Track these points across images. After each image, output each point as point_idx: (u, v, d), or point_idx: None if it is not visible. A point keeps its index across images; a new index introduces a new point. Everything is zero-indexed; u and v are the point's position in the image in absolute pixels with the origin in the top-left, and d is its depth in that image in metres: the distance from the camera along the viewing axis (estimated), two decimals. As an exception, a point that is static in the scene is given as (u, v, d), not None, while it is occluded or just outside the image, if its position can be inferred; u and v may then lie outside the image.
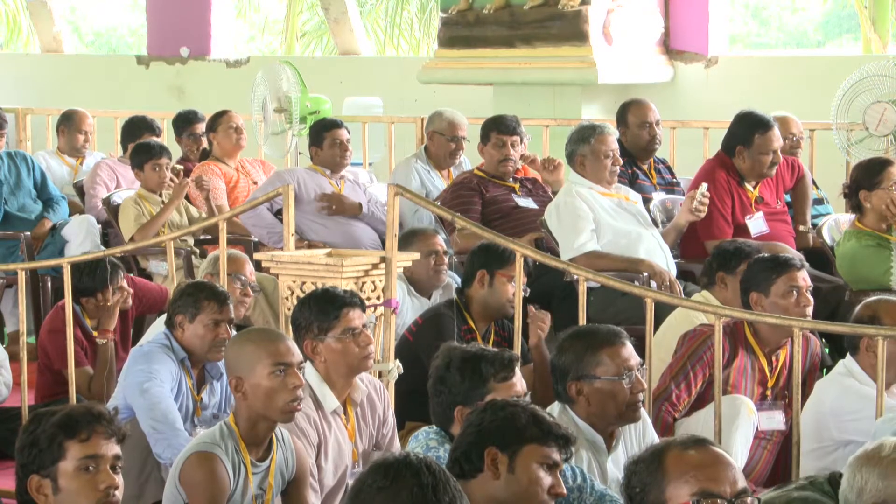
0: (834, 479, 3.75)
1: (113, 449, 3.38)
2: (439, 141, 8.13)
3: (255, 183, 8.50)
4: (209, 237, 7.67)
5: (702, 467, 3.06)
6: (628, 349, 4.40)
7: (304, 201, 7.62)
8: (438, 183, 8.08)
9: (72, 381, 5.79)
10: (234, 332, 5.18)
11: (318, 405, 4.66)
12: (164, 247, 6.52)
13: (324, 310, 4.69)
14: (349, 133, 8.11)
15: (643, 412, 4.48)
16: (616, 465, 4.30)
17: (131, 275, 7.23)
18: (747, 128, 7.07)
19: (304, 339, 4.70)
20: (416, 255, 6.12)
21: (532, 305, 5.84)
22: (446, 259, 6.59)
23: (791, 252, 6.43)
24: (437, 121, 8.19)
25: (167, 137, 9.32)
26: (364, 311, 4.75)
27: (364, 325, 4.71)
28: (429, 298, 6.54)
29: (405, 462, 2.97)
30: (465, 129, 8.16)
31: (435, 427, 4.17)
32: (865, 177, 6.57)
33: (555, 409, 4.35)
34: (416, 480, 2.94)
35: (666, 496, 3.04)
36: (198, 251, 7.74)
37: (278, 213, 7.58)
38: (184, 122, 9.21)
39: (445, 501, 2.94)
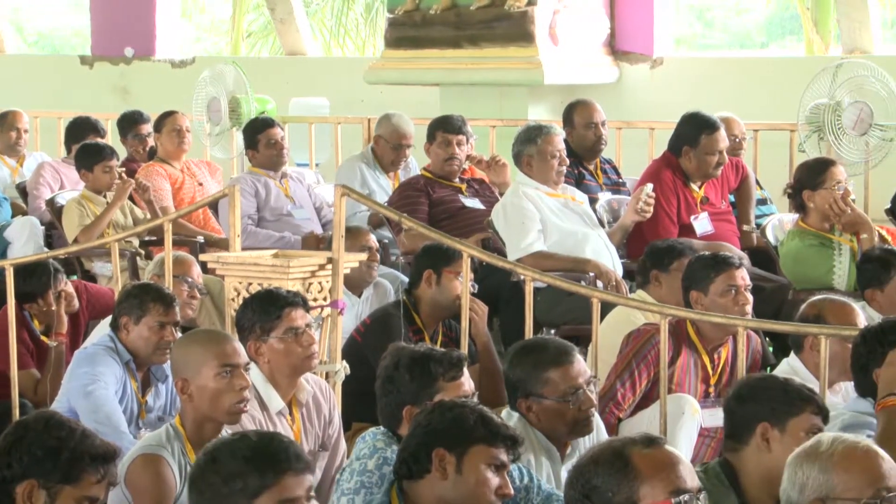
0: (725, 464, 3.84)
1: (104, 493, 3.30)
2: (384, 146, 8.16)
3: (201, 184, 8.46)
4: (154, 238, 7.63)
5: (672, 465, 3.09)
6: (577, 367, 4.38)
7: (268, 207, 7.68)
8: (384, 182, 8.09)
9: (14, 384, 5.73)
10: (179, 335, 5.15)
11: (264, 406, 4.65)
12: (108, 248, 6.47)
13: (266, 310, 4.68)
14: (283, 131, 8.10)
15: (596, 420, 4.49)
16: (568, 474, 4.31)
17: (75, 278, 7.18)
18: (694, 128, 7.11)
19: (248, 340, 4.68)
20: (363, 256, 6.11)
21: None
22: (378, 256, 6.59)
23: (733, 251, 6.47)
24: (384, 126, 8.21)
25: (112, 138, 9.26)
26: (307, 310, 4.74)
27: (307, 325, 4.70)
28: (359, 296, 6.54)
29: None
30: (411, 137, 8.17)
31: (382, 428, 4.17)
32: (809, 177, 6.62)
33: (512, 417, 4.36)
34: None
35: (640, 495, 3.06)
36: (143, 252, 7.69)
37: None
38: (129, 123, 9.15)
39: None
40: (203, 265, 6.19)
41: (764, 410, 3.84)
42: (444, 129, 7.64)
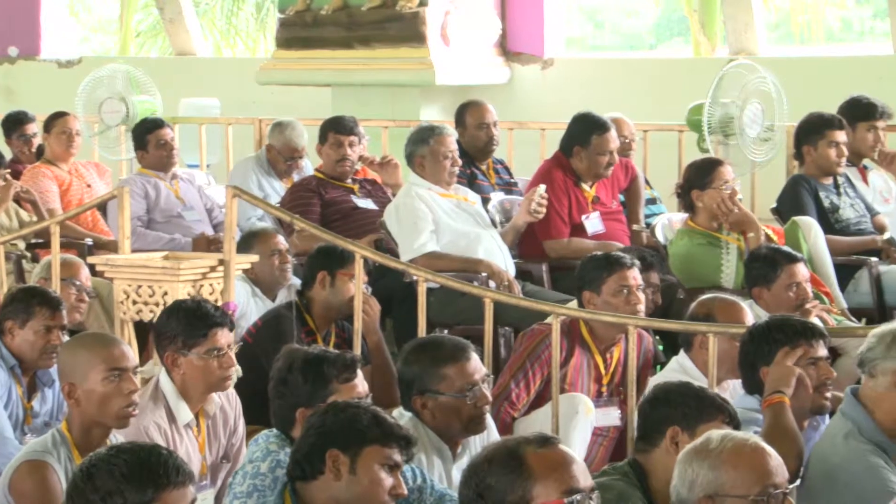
0: (635, 463, 3.88)
1: None
2: (276, 156, 8.16)
3: (89, 186, 8.35)
4: (41, 241, 7.51)
5: (565, 465, 3.10)
6: (473, 364, 4.41)
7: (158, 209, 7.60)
8: (277, 185, 8.06)
9: None
10: (67, 338, 5.07)
11: (172, 418, 4.60)
12: (-7, 251, 6.35)
13: (193, 325, 4.60)
14: (173, 132, 8.03)
15: (489, 420, 4.51)
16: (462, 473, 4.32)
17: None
18: (585, 129, 7.17)
19: (167, 349, 4.61)
20: (255, 258, 6.07)
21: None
22: (290, 258, 6.56)
23: (624, 251, 6.53)
24: (276, 137, 8.20)
25: (-4, 139, 9.10)
26: (231, 331, 4.68)
27: (229, 346, 4.64)
28: (273, 300, 6.50)
29: None
30: (304, 149, 8.18)
31: (275, 430, 4.14)
32: (697, 177, 6.70)
33: (404, 416, 4.36)
34: None
35: (533, 495, 3.06)
36: (29, 255, 7.57)
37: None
38: (14, 124, 8.99)
39: None
40: (91, 267, 6.11)
41: (676, 415, 3.88)
42: (336, 130, 7.63)
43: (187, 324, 4.60)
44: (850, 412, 4.10)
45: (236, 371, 4.81)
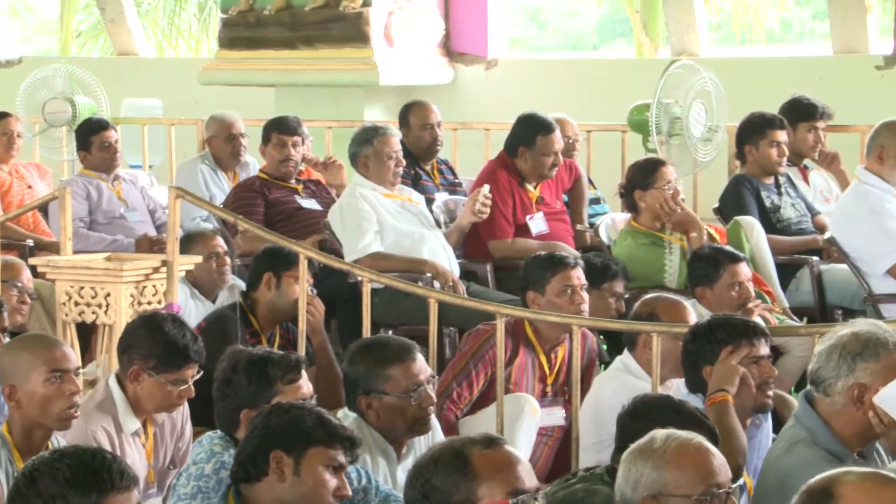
0: (612, 470, 3.84)
1: None
2: (217, 144, 8.15)
3: (30, 187, 8.28)
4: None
5: (510, 465, 3.10)
6: (418, 364, 4.41)
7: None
8: (224, 185, 8.04)
9: None
10: (8, 340, 5.02)
11: (119, 428, 4.56)
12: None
13: (172, 354, 4.55)
14: (117, 133, 7.98)
15: (434, 421, 4.51)
16: (406, 474, 4.32)
17: None
18: (530, 129, 7.19)
19: (135, 363, 4.57)
20: (199, 259, 6.04)
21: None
22: (228, 260, 6.53)
23: (568, 251, 6.56)
24: (211, 125, 8.23)
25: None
26: (200, 367, 4.63)
27: (192, 377, 4.60)
28: (213, 302, 6.47)
29: None
30: (239, 125, 8.19)
31: (219, 432, 4.13)
32: (640, 177, 6.74)
33: (349, 417, 4.35)
34: None
35: (478, 495, 3.06)
36: (-32, 257, 7.49)
37: None
38: (-48, 124, 8.89)
39: None
40: (33, 269, 6.05)
41: (656, 428, 3.85)
42: (280, 130, 7.60)
43: (164, 351, 4.55)
44: (805, 419, 4.00)
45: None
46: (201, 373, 4.63)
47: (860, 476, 2.73)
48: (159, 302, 5.33)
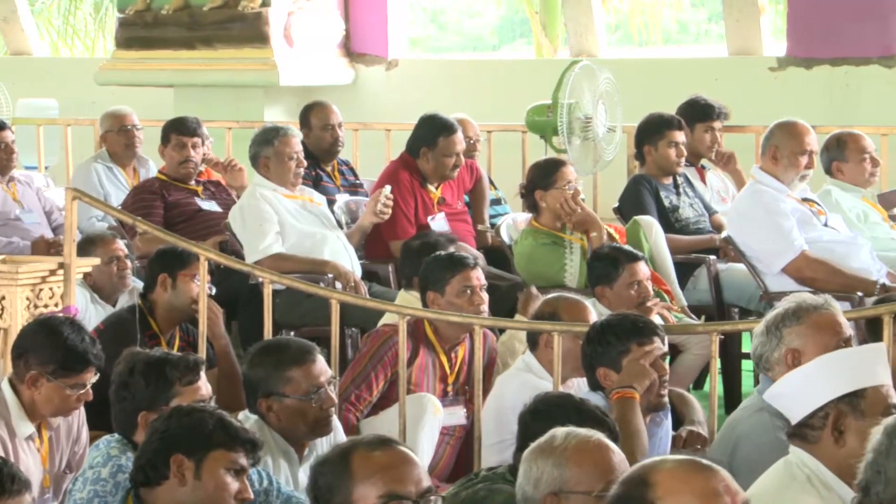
0: (514, 469, 3.84)
1: None
2: (111, 138, 8.11)
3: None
4: None
5: (388, 468, 3.04)
6: (319, 366, 4.40)
7: None
8: (122, 181, 7.97)
9: None
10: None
11: (12, 432, 4.48)
12: None
13: (70, 359, 4.47)
14: (13, 134, 7.87)
15: (336, 422, 4.50)
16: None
17: None
18: (432, 130, 7.20)
19: (32, 368, 4.48)
20: (97, 261, 5.96)
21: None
22: (129, 263, 6.46)
23: (470, 251, 6.58)
24: (104, 121, 8.19)
25: None
26: (97, 371, 4.57)
27: (91, 382, 4.54)
28: (114, 305, 6.40)
29: None
30: (133, 117, 8.15)
31: (117, 435, 4.08)
32: (541, 177, 6.77)
33: (249, 419, 4.32)
34: None
35: (353, 498, 3.02)
36: None
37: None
38: None
39: None
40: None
41: (557, 426, 3.87)
42: (179, 131, 7.54)
43: (64, 356, 4.48)
44: (762, 390, 4.10)
45: None
46: (98, 375, 4.57)
47: (675, 463, 2.77)
48: (56, 305, 5.25)
